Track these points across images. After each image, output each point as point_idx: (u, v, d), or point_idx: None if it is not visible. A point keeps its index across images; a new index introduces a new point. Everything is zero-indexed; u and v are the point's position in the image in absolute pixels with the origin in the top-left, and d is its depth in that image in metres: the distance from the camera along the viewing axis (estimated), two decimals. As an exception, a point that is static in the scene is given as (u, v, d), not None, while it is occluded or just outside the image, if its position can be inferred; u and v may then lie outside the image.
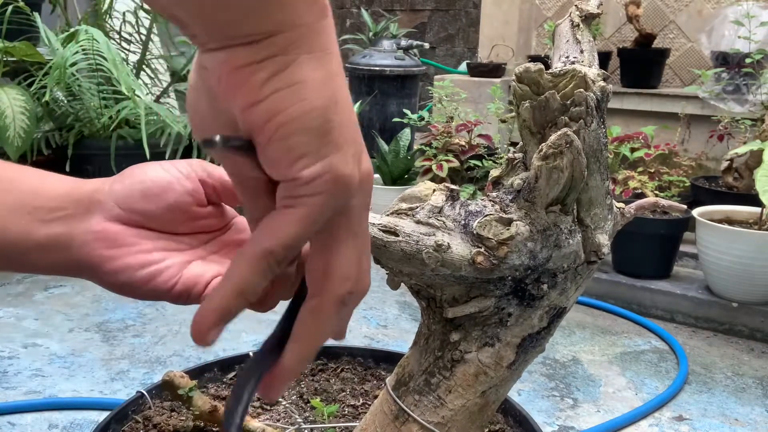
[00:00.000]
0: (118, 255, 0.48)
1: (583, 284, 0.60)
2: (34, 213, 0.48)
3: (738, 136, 2.22)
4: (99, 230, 0.48)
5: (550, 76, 0.52)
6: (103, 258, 0.48)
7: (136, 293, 0.49)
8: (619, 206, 0.62)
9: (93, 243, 0.48)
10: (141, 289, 0.49)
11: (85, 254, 0.48)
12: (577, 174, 0.52)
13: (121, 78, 2.08)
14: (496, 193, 0.56)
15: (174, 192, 0.50)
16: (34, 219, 0.48)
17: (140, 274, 0.48)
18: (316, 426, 0.84)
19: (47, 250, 0.48)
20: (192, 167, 0.52)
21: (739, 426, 1.40)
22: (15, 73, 2.36)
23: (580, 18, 0.57)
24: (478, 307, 0.56)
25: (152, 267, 0.49)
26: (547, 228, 0.54)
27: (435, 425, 0.59)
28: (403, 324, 1.87)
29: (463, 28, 5.00)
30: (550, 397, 1.49)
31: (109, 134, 2.34)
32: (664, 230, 1.97)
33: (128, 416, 0.85)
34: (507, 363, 0.58)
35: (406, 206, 0.54)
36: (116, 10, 2.66)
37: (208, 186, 0.52)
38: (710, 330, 1.87)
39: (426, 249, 0.52)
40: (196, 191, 0.51)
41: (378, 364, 1.02)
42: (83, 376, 1.53)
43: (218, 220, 0.55)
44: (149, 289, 0.49)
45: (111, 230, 0.48)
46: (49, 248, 0.48)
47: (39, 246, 0.48)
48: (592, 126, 0.52)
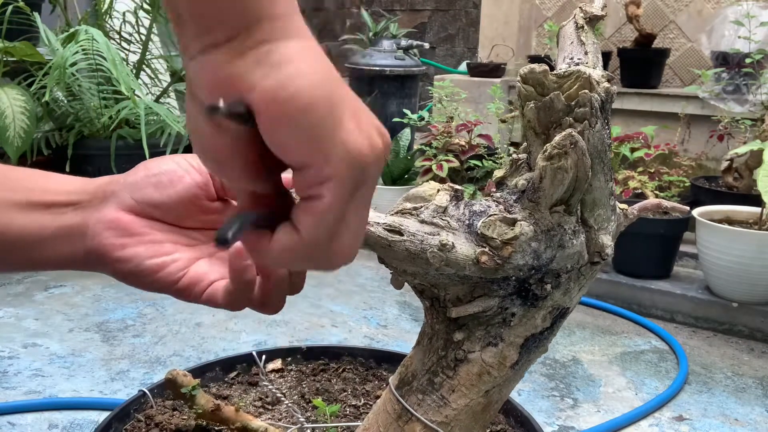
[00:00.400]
0: (129, 243, 0.49)
1: (587, 285, 0.60)
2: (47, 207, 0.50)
3: (738, 136, 2.22)
4: (112, 219, 0.49)
5: (554, 77, 0.53)
6: (114, 246, 0.49)
7: (142, 283, 0.50)
8: (622, 207, 0.62)
9: (105, 231, 0.49)
10: (148, 278, 0.49)
11: (97, 243, 0.49)
12: (581, 174, 0.52)
13: (121, 78, 2.08)
14: (500, 193, 0.56)
15: (185, 184, 0.51)
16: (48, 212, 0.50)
17: (149, 263, 0.49)
18: (318, 425, 0.84)
19: (61, 241, 0.49)
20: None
21: (739, 426, 1.40)
22: (15, 73, 2.35)
23: (585, 20, 0.57)
24: (482, 306, 0.56)
25: (161, 258, 0.49)
26: (551, 228, 0.54)
27: (438, 424, 0.59)
28: (403, 324, 1.87)
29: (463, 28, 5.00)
30: (550, 397, 1.49)
31: (109, 134, 2.34)
32: (664, 230, 1.97)
33: (130, 415, 0.85)
34: (510, 363, 0.58)
35: (411, 206, 0.54)
36: (116, 10, 2.66)
37: (217, 180, 0.53)
38: (710, 330, 1.87)
39: (430, 248, 0.52)
40: (206, 184, 0.52)
41: (379, 364, 1.02)
42: (83, 376, 1.53)
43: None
44: (155, 279, 0.49)
45: (123, 219, 0.49)
46: (63, 239, 0.49)
47: (53, 237, 0.49)
48: (596, 127, 0.52)
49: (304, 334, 1.79)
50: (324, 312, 1.94)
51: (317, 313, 1.93)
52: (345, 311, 1.95)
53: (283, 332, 1.78)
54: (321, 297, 2.05)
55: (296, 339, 1.75)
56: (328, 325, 1.85)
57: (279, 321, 1.85)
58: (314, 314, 1.92)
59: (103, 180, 0.52)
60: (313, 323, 1.86)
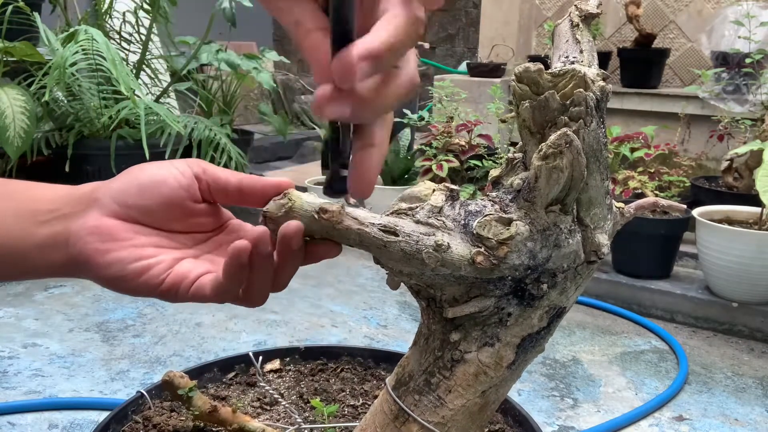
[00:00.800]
0: (112, 248, 0.49)
1: (583, 284, 0.60)
2: (34, 216, 0.50)
3: (738, 136, 2.22)
4: (94, 225, 0.50)
5: (549, 75, 0.52)
6: (97, 251, 0.49)
7: (127, 287, 0.50)
8: (618, 206, 0.62)
9: (88, 237, 0.49)
10: (132, 283, 0.49)
11: (80, 248, 0.49)
12: (576, 174, 0.52)
13: (121, 78, 2.08)
14: (496, 193, 0.56)
15: (168, 186, 0.51)
16: (34, 221, 0.50)
17: (132, 267, 0.49)
18: (316, 426, 0.84)
19: (46, 250, 0.50)
20: (188, 164, 0.53)
21: (739, 426, 1.40)
22: (15, 73, 2.36)
23: (580, 18, 0.57)
24: (478, 307, 0.56)
25: (143, 261, 0.50)
26: (546, 228, 0.54)
27: (435, 425, 0.59)
28: (403, 324, 1.87)
29: (463, 28, 5.00)
30: (550, 397, 1.49)
31: (109, 134, 2.34)
32: (664, 230, 1.97)
33: (128, 416, 0.85)
34: (507, 363, 0.58)
35: (406, 206, 0.54)
36: (116, 10, 2.66)
37: (203, 182, 0.53)
38: (710, 330, 1.87)
39: (426, 249, 0.52)
40: (190, 186, 0.52)
41: (378, 364, 1.02)
42: (83, 376, 1.53)
43: (213, 220, 0.55)
44: (140, 283, 0.49)
45: (106, 225, 0.50)
46: (48, 247, 0.50)
47: (38, 246, 0.50)
48: (591, 126, 0.52)
49: (304, 334, 1.79)
50: (324, 312, 1.94)
51: (317, 313, 1.93)
52: (345, 311, 1.95)
53: (283, 332, 1.78)
54: (321, 297, 2.05)
55: (296, 339, 1.75)
56: (328, 325, 1.85)
57: (279, 321, 1.85)
58: (314, 314, 1.92)
59: (88, 187, 0.52)
60: (313, 323, 1.86)
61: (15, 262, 0.50)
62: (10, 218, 0.50)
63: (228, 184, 0.53)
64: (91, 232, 0.49)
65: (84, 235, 0.49)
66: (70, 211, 0.50)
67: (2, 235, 0.49)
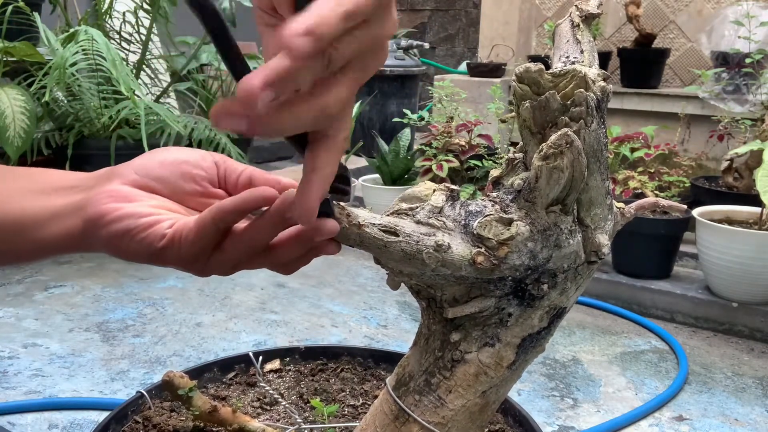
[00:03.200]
0: (125, 205, 0.51)
1: (584, 284, 0.60)
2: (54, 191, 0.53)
3: (738, 136, 2.22)
4: (113, 189, 0.52)
5: (550, 76, 0.52)
6: (109, 209, 0.51)
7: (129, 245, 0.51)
8: (619, 206, 0.62)
9: (104, 198, 0.51)
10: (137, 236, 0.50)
11: (95, 208, 0.51)
12: (577, 174, 0.52)
13: (121, 78, 2.08)
14: (497, 193, 0.56)
15: (189, 164, 0.55)
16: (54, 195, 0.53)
17: (142, 221, 0.51)
18: (316, 426, 0.84)
19: (62, 217, 0.52)
20: (210, 153, 0.57)
21: (739, 426, 1.40)
22: (15, 73, 2.35)
23: (581, 18, 0.57)
24: (479, 307, 0.56)
25: (154, 216, 0.51)
26: (547, 228, 0.54)
27: (435, 425, 0.59)
28: (403, 324, 1.87)
29: (463, 28, 5.00)
30: (550, 397, 1.49)
31: (109, 134, 2.34)
32: (664, 230, 1.97)
33: (128, 416, 0.85)
34: (507, 363, 0.58)
35: (407, 206, 0.54)
36: (116, 10, 2.66)
37: (221, 169, 0.57)
38: (710, 330, 1.87)
39: (426, 249, 0.52)
40: (209, 169, 0.56)
41: (378, 364, 1.02)
42: (83, 376, 1.53)
43: None
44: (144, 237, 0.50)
45: (124, 189, 0.53)
46: (64, 214, 0.52)
47: (54, 214, 0.52)
48: (592, 126, 0.52)
49: (304, 334, 1.79)
50: (324, 312, 1.94)
51: (317, 313, 1.93)
52: (345, 311, 1.95)
53: (283, 332, 1.78)
54: (321, 297, 2.05)
55: (296, 339, 1.75)
56: (328, 325, 1.85)
57: (279, 321, 1.85)
58: (314, 314, 1.92)
59: (110, 167, 0.55)
60: (313, 323, 1.86)
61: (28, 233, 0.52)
62: (29, 194, 0.53)
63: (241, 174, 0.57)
64: (109, 195, 0.51)
65: (101, 198, 0.51)
66: (94, 184, 0.53)
67: (20, 207, 0.52)
